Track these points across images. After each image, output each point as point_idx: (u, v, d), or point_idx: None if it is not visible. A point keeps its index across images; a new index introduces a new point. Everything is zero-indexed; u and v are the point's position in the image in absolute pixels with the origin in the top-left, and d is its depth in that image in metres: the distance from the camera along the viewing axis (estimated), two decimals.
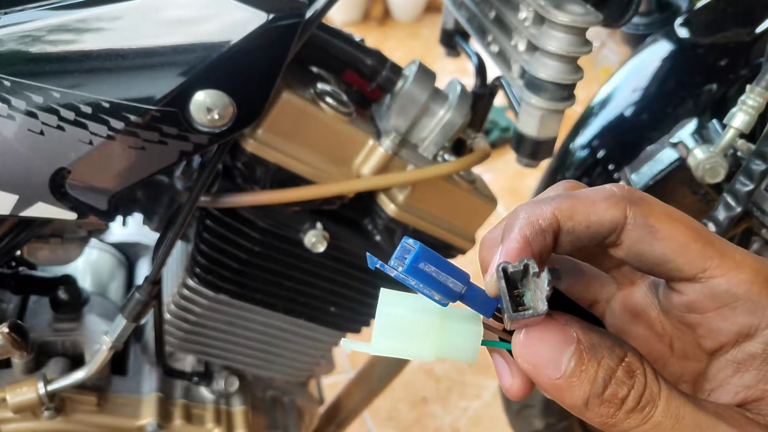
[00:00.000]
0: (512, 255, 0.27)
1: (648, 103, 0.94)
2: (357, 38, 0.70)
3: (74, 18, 0.48)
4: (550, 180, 1.03)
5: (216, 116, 0.51)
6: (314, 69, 0.67)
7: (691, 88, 0.92)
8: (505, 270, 0.26)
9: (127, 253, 0.89)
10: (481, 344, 0.30)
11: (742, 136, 0.64)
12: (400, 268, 0.27)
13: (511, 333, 0.29)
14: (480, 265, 0.31)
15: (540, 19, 0.60)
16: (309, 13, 0.52)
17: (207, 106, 0.50)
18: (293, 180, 0.62)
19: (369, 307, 0.77)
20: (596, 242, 0.29)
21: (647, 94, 0.95)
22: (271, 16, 0.49)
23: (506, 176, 2.31)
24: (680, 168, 0.67)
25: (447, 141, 0.65)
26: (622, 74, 0.99)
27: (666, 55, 0.94)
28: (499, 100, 0.82)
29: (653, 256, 0.28)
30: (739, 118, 0.61)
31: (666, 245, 0.27)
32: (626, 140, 0.94)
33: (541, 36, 0.60)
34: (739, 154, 0.66)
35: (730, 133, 0.62)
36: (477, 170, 0.73)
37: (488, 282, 0.28)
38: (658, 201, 0.28)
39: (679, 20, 0.94)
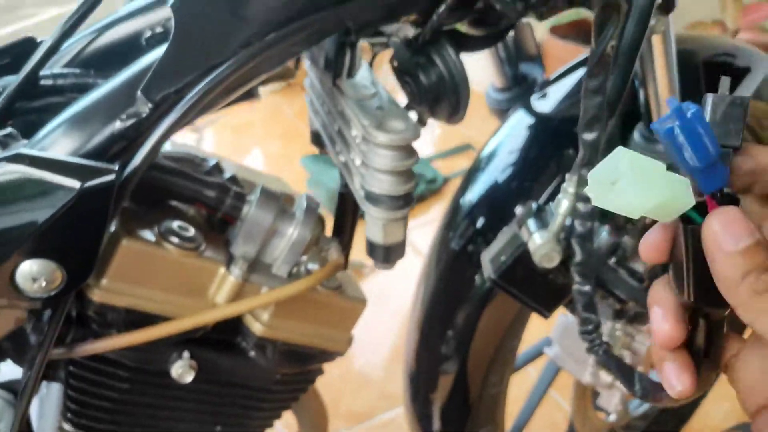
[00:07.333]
0: None
1: (516, 171, 1.00)
2: (212, 161, 0.72)
3: None
4: (444, 235, 1.07)
5: (43, 283, 0.52)
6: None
7: (552, 153, 0.98)
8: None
9: (16, 392, 0.87)
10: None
11: None
12: (677, 122, 0.30)
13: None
14: None
15: (367, 138, 0.64)
16: (128, 171, 0.54)
17: (32, 276, 0.51)
18: (148, 319, 0.63)
19: (256, 419, 0.78)
20: None
21: (516, 163, 1.01)
22: (86, 185, 0.50)
23: (435, 228, 2.34)
24: (527, 252, 0.70)
25: (300, 256, 0.68)
26: (492, 145, 1.04)
27: (526, 127, 1.00)
28: (427, 150, 0.83)
29: None
30: (564, 204, 0.66)
31: None
32: (499, 208, 0.99)
33: (369, 153, 0.63)
34: None
35: (558, 220, 0.66)
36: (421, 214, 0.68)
37: None
38: None
39: (534, 96, 1.00)
